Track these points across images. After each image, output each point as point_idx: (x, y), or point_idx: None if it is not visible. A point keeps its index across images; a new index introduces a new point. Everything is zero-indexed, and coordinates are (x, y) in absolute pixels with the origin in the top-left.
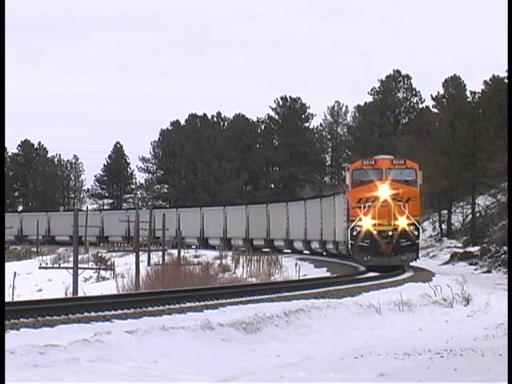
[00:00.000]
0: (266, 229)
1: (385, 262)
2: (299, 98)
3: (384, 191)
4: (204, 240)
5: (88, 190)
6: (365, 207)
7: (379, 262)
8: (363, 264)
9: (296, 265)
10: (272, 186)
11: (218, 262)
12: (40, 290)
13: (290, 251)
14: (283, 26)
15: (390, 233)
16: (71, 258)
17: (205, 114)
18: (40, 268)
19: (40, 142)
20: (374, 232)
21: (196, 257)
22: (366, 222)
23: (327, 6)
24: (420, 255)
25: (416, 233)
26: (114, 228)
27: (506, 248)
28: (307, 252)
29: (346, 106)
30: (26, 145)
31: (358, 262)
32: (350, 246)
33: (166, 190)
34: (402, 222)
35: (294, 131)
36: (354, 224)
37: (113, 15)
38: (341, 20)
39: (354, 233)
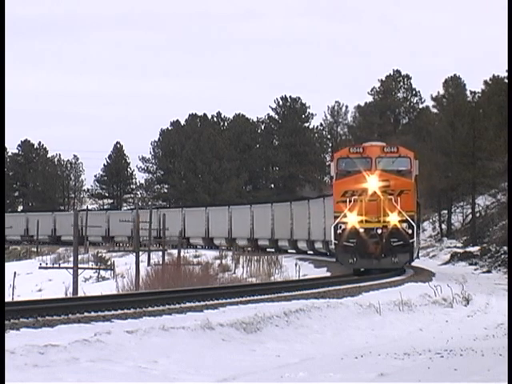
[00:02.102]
0: (270, 229)
1: (373, 265)
2: (299, 98)
3: (373, 183)
4: (209, 240)
5: (88, 189)
6: (350, 201)
7: (366, 264)
8: (348, 267)
9: (296, 265)
10: (272, 185)
11: (218, 261)
12: (40, 290)
13: (294, 251)
14: (283, 26)
15: (379, 231)
16: (71, 258)
17: (205, 114)
18: (40, 268)
19: (40, 142)
20: (361, 230)
21: (196, 257)
22: (352, 219)
23: (327, 6)
24: (420, 255)
25: (410, 231)
26: (119, 228)
27: (506, 248)
28: (311, 252)
29: (346, 106)
30: (26, 145)
31: (343, 265)
32: (333, 246)
33: (165, 190)
34: (393, 219)
35: (294, 131)
36: (337, 221)
37: (113, 15)
38: (341, 20)
39: (339, 231)
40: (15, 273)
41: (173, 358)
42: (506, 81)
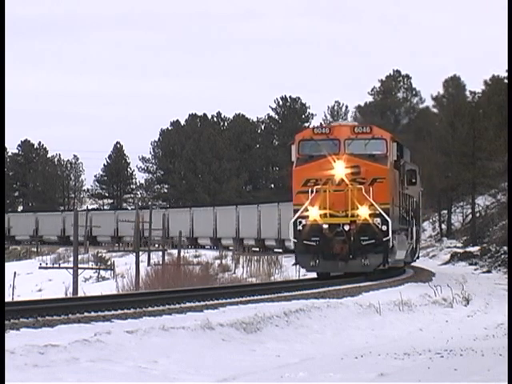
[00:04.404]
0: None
1: (338, 268)
2: (299, 98)
3: (340, 169)
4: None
5: (88, 190)
6: (313, 192)
7: (331, 267)
8: (310, 270)
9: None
10: (272, 185)
11: (218, 261)
12: (40, 290)
13: None
14: (283, 26)
15: (347, 227)
16: (71, 258)
17: (205, 114)
18: (40, 268)
19: (40, 142)
20: (325, 226)
21: (196, 257)
22: (314, 213)
23: (327, 6)
24: (420, 255)
25: (384, 227)
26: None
27: (506, 248)
28: None
29: (346, 106)
30: (26, 145)
31: (303, 268)
32: (292, 245)
33: (165, 190)
34: (364, 212)
35: (294, 131)
36: (297, 215)
37: (113, 15)
38: (341, 20)
39: (299, 227)
40: (15, 273)
41: (173, 358)
42: (506, 81)
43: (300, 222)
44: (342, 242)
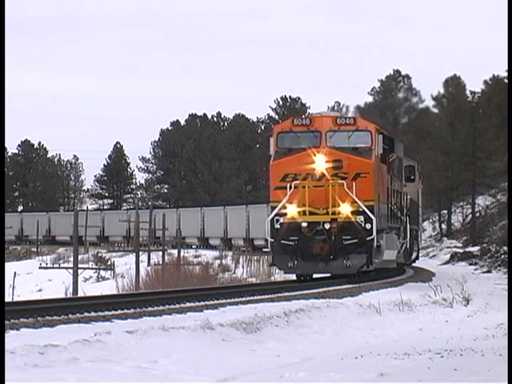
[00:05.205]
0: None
1: (319, 269)
2: (299, 98)
3: (320, 163)
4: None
5: (88, 190)
6: (291, 188)
7: (310, 268)
8: (287, 272)
9: None
10: None
11: (218, 261)
12: (40, 290)
13: None
14: (283, 26)
15: (327, 225)
16: (71, 258)
17: (205, 114)
18: (40, 268)
19: (40, 142)
20: (304, 224)
21: (196, 257)
22: (292, 210)
23: (327, 7)
24: (420, 255)
25: (368, 225)
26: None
27: (506, 248)
28: None
29: (347, 107)
30: (26, 145)
31: (281, 269)
32: (269, 245)
33: (165, 190)
34: (346, 210)
35: None
36: (275, 213)
37: (113, 15)
38: (341, 20)
39: (276, 226)
40: (15, 273)
41: (173, 358)
42: (506, 81)
43: (277, 221)
44: (322, 242)
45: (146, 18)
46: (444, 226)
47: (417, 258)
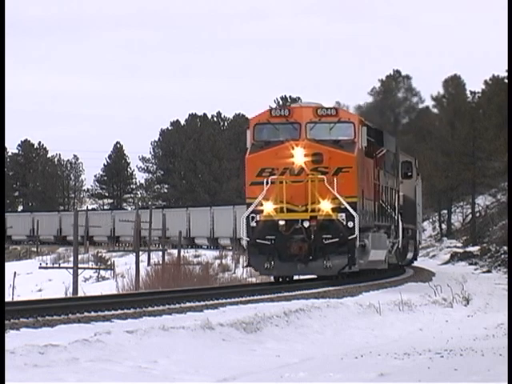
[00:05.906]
0: None
1: (297, 270)
2: (299, 98)
3: (299, 157)
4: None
5: (88, 190)
6: (268, 183)
7: (288, 270)
8: (264, 273)
9: None
10: None
11: (218, 261)
12: (40, 290)
13: None
14: (283, 26)
15: (306, 224)
16: (71, 258)
17: (205, 114)
18: (40, 268)
19: (40, 142)
20: (281, 222)
21: (196, 257)
22: (269, 207)
23: (327, 7)
24: (420, 255)
25: (350, 224)
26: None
27: (506, 248)
28: None
29: (347, 107)
30: (26, 145)
31: (257, 271)
32: (245, 244)
33: (165, 190)
34: (326, 207)
35: None
36: (250, 210)
37: (113, 15)
38: (341, 20)
39: (252, 224)
40: (15, 273)
41: (173, 358)
42: (506, 81)
43: (253, 218)
44: (300, 241)
45: (146, 18)
46: (444, 226)
47: (414, 258)
